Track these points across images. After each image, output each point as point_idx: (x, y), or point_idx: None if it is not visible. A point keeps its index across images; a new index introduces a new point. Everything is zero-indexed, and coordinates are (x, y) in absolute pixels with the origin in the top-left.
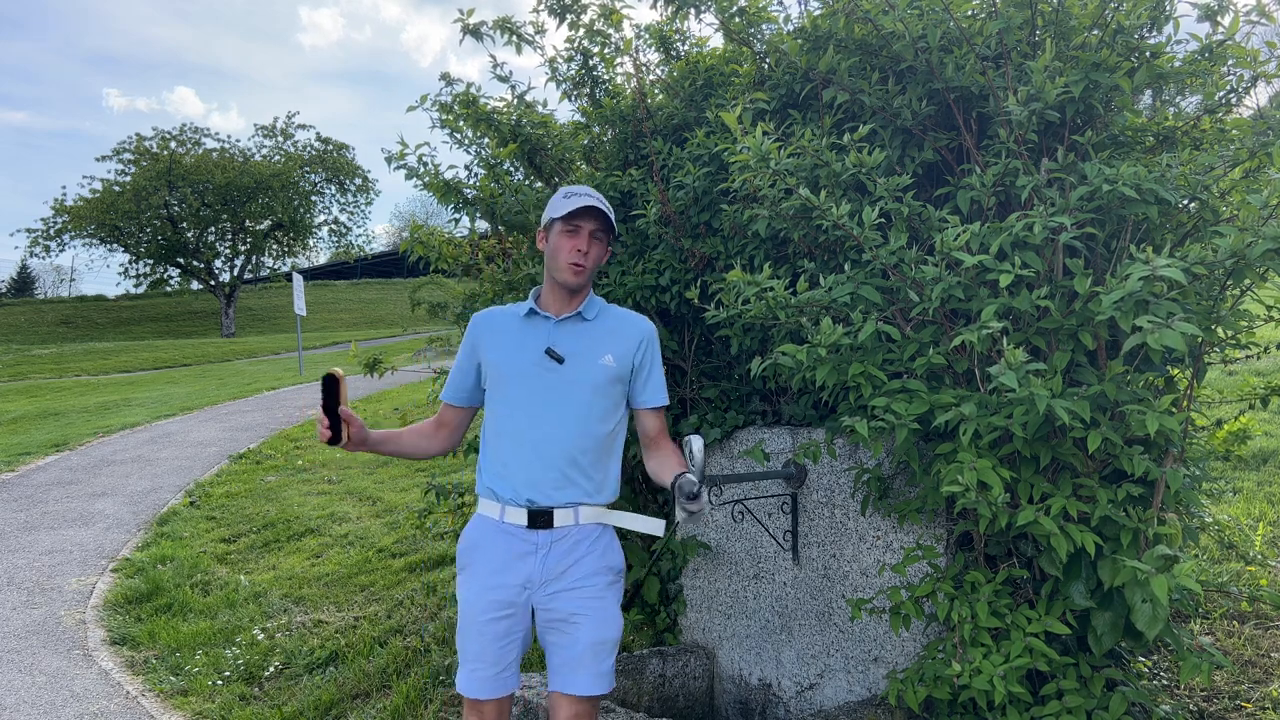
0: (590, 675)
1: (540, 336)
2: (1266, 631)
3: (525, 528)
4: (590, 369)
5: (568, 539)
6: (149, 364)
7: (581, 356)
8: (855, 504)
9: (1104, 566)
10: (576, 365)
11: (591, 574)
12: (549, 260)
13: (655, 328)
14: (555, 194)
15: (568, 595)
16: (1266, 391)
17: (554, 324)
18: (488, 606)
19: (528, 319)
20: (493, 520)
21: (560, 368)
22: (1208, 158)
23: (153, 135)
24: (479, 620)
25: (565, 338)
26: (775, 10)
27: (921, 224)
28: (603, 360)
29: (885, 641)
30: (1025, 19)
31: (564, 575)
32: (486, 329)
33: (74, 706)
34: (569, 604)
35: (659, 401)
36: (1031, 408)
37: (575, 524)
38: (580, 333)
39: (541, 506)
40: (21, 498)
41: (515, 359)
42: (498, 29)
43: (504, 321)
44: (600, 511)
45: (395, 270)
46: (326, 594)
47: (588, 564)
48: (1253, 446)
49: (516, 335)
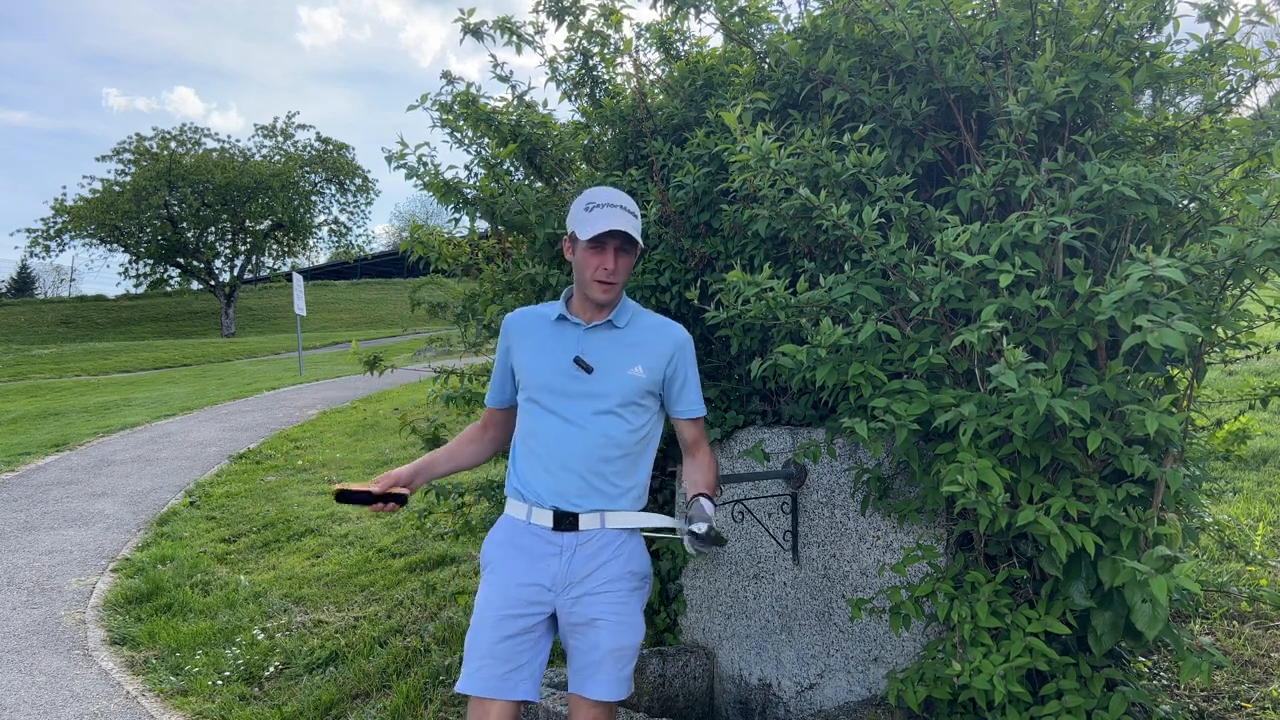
0: (609, 680)
1: (570, 343)
2: (1266, 631)
3: (551, 529)
4: (619, 380)
5: (593, 543)
6: (149, 364)
7: (611, 367)
8: (855, 504)
9: (1104, 566)
10: (605, 375)
11: (616, 579)
12: (577, 273)
13: (689, 336)
14: (579, 199)
15: (591, 599)
16: (1266, 391)
17: (584, 331)
18: (507, 603)
19: (558, 324)
20: (519, 521)
21: (589, 377)
22: (1208, 158)
23: (153, 135)
24: (494, 616)
25: (595, 346)
26: (775, 10)
27: (921, 224)
28: (632, 371)
29: (885, 641)
30: (1025, 19)
31: (588, 579)
32: (518, 332)
33: (74, 706)
34: (592, 608)
35: (694, 412)
36: (1031, 408)
37: (601, 528)
38: (611, 341)
39: (566, 510)
40: (21, 498)
41: (544, 365)
42: (498, 29)
43: (535, 324)
44: (627, 516)
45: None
46: (326, 594)
47: (612, 568)
48: (1253, 446)
49: (547, 340)
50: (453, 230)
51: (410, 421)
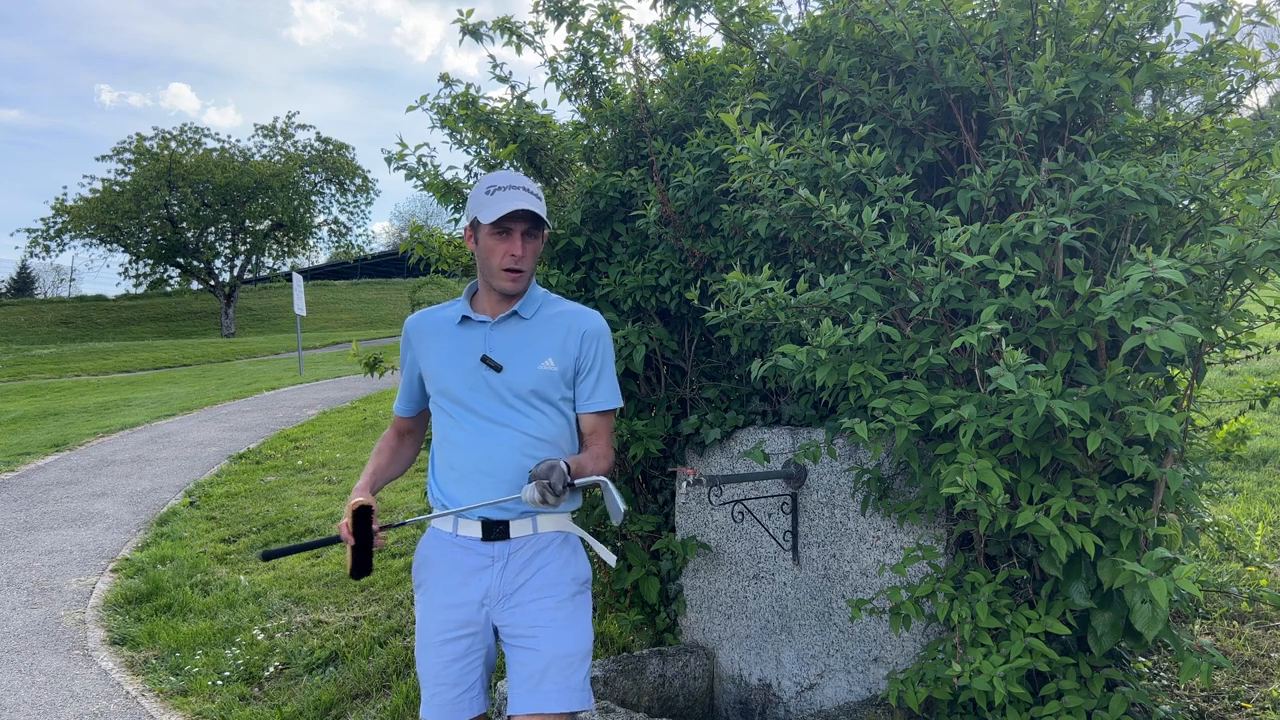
0: (555, 689)
1: (476, 342)
2: (1266, 631)
3: (480, 540)
4: (529, 374)
5: (526, 549)
6: (149, 364)
7: (520, 361)
8: (855, 504)
9: (1104, 567)
10: (515, 371)
11: (552, 584)
12: (481, 264)
13: (602, 323)
14: (478, 185)
15: (528, 608)
16: (1266, 391)
17: (490, 327)
18: (444, 626)
19: (463, 326)
20: (446, 534)
21: (499, 376)
22: (1208, 158)
23: (153, 135)
24: (435, 641)
25: (502, 341)
26: (775, 10)
27: (921, 224)
28: (543, 365)
29: (885, 642)
30: (1025, 19)
31: (524, 587)
32: (419, 336)
33: (74, 707)
34: (530, 617)
35: (602, 405)
36: (1031, 408)
37: (534, 533)
38: (518, 334)
39: (496, 519)
40: (21, 498)
41: (451, 368)
42: (497, 29)
43: (438, 327)
44: (562, 520)
45: (395, 270)
46: (326, 594)
47: (548, 574)
48: (1253, 446)
49: (452, 341)
50: (453, 230)
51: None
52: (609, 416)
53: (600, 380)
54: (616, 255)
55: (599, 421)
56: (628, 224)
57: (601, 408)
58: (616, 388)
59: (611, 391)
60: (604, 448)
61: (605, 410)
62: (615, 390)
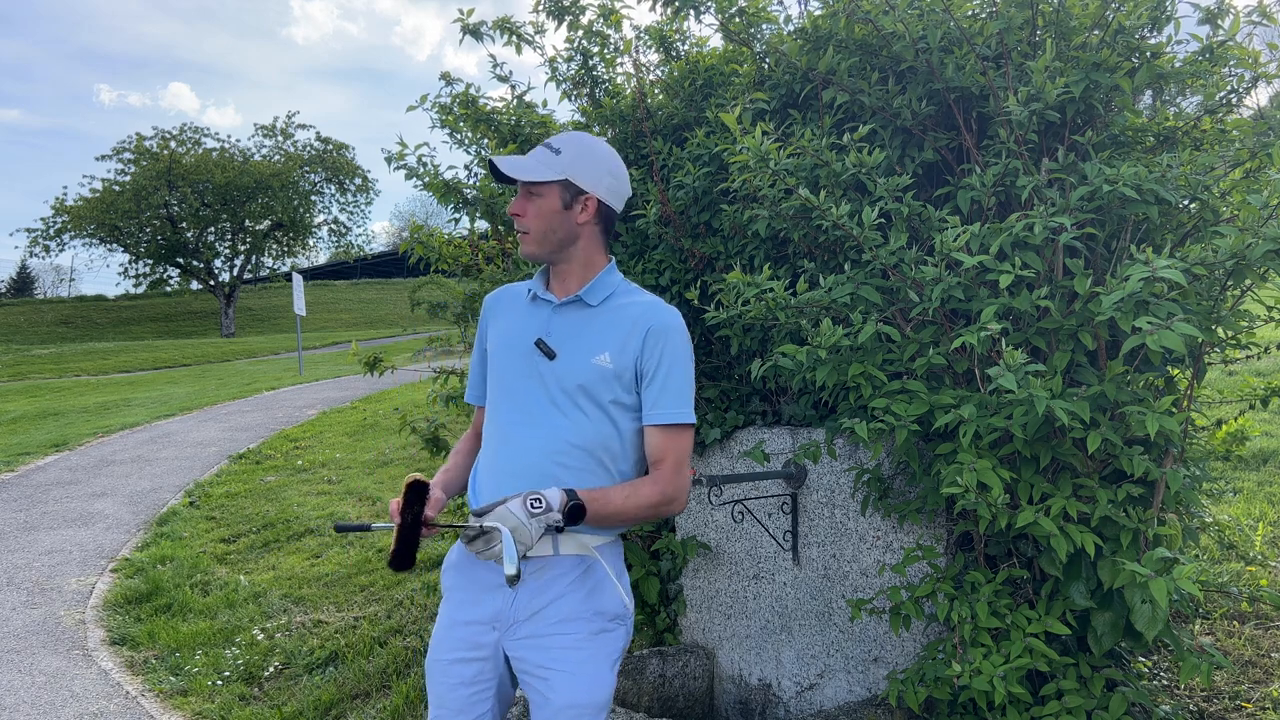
0: None
1: (537, 324)
2: (1266, 631)
3: None
4: (580, 367)
5: (544, 572)
6: (149, 364)
7: (573, 350)
8: (855, 504)
9: (1104, 567)
10: (566, 361)
11: (569, 619)
12: None
13: (674, 320)
14: None
15: (538, 642)
16: (1266, 391)
17: (553, 309)
18: (455, 644)
19: (532, 302)
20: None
21: (550, 364)
22: (1208, 158)
23: (153, 135)
24: (443, 659)
25: (562, 327)
26: (775, 10)
27: (921, 224)
28: (596, 359)
29: (885, 642)
30: (1026, 19)
31: (535, 617)
32: (496, 307)
33: (73, 706)
34: (538, 654)
35: (663, 418)
36: (1031, 409)
37: (554, 554)
38: (580, 322)
39: None
40: (21, 498)
41: (508, 349)
42: (497, 29)
43: (513, 300)
44: (592, 541)
45: (395, 270)
46: (326, 594)
47: (566, 606)
48: (1253, 446)
49: (517, 319)
50: (453, 230)
51: (410, 422)
52: (676, 435)
53: (666, 388)
54: (616, 255)
55: (662, 440)
56: (627, 224)
57: (662, 421)
58: (688, 399)
59: (678, 403)
60: (662, 473)
61: (667, 425)
62: (684, 402)
